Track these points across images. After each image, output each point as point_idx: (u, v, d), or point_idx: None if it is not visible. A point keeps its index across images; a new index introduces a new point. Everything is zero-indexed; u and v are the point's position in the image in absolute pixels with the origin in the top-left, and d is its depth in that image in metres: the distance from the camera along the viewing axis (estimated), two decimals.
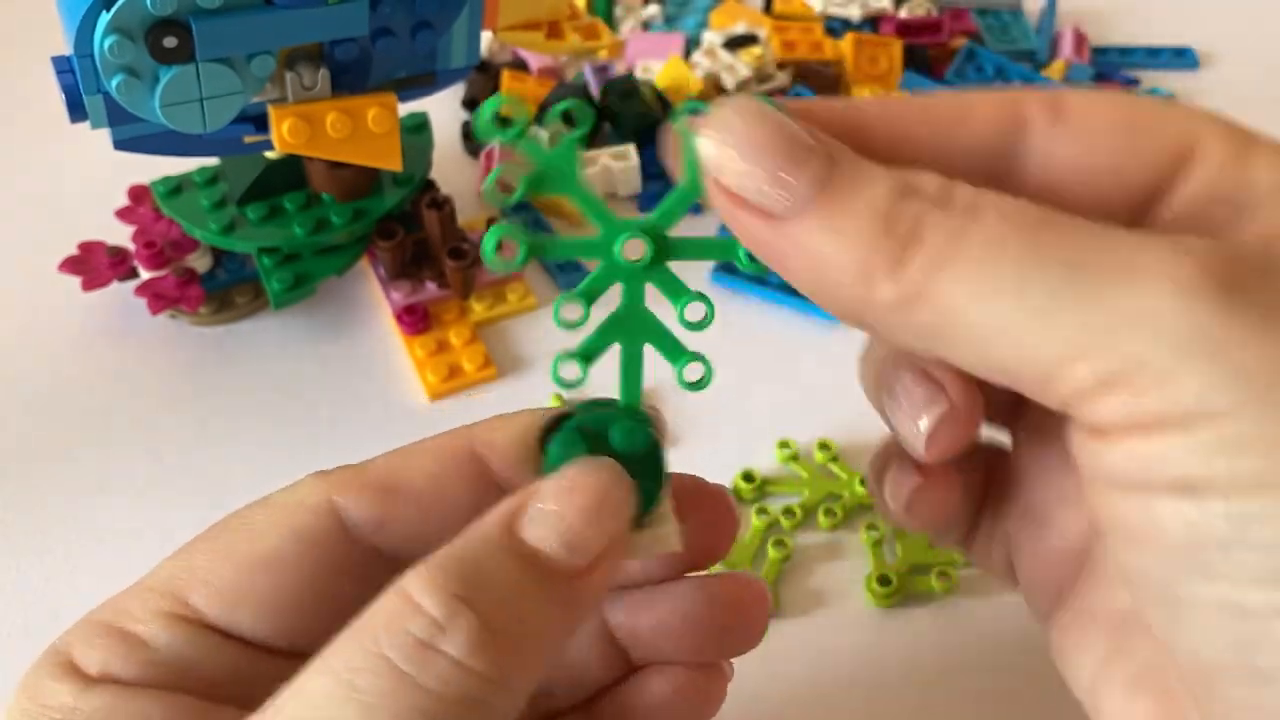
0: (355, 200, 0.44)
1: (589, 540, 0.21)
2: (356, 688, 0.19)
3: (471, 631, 0.20)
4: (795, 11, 0.61)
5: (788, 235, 0.20)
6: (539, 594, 0.21)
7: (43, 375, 0.43)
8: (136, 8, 0.34)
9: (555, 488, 0.22)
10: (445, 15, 0.39)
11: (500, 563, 0.21)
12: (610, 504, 0.22)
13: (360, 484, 0.24)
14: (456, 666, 0.19)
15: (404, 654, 0.19)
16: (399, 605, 0.20)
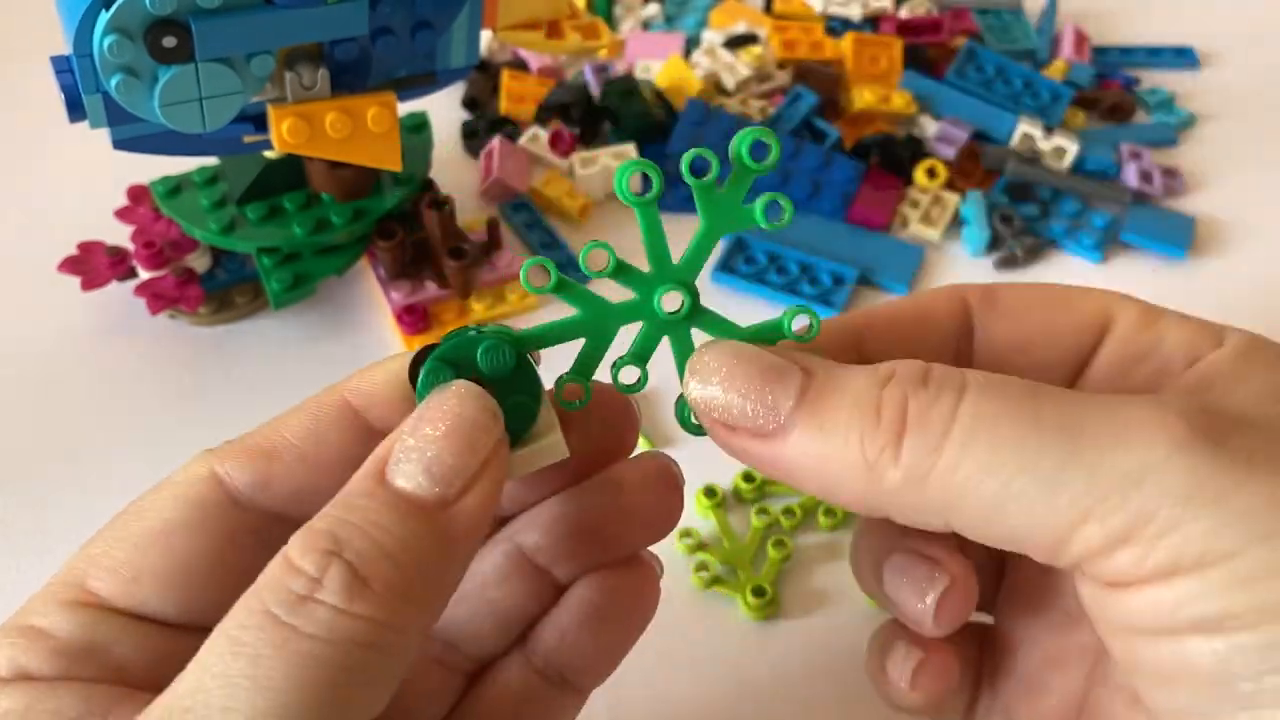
0: (355, 200, 0.44)
1: (453, 467, 0.22)
2: (244, 642, 0.20)
3: (343, 579, 0.20)
4: (795, 11, 0.61)
5: (785, 448, 0.22)
6: (411, 531, 0.21)
7: (42, 375, 0.43)
8: (136, 7, 0.34)
9: (413, 422, 0.22)
10: (445, 15, 0.39)
11: (366, 510, 0.21)
12: (468, 425, 0.22)
13: (240, 450, 0.25)
14: (336, 613, 0.20)
15: (286, 608, 0.20)
16: (280, 568, 0.21)
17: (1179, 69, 0.61)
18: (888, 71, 0.56)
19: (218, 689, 0.20)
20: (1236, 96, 0.59)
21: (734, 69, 0.55)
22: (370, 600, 0.20)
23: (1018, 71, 0.56)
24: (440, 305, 0.45)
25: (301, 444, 0.25)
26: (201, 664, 0.20)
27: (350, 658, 0.20)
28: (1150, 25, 0.65)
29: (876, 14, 0.61)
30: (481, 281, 0.46)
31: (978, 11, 0.62)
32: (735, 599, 0.37)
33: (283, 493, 0.24)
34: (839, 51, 0.57)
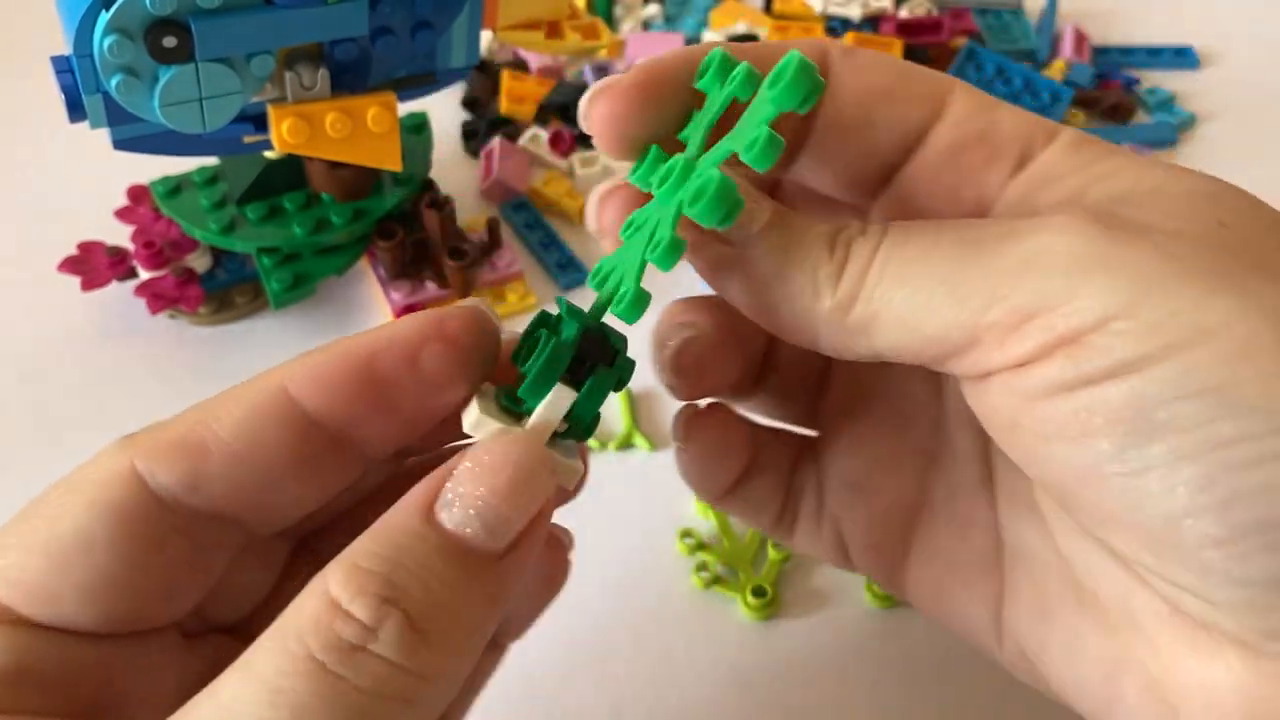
0: (355, 200, 0.44)
1: (510, 520, 0.21)
2: (285, 690, 0.19)
3: (402, 632, 0.19)
4: (795, 11, 0.61)
5: (748, 259, 0.23)
6: (465, 583, 0.20)
7: (42, 375, 0.43)
8: (136, 7, 0.34)
9: (472, 468, 0.21)
10: (445, 15, 0.39)
11: (423, 555, 0.20)
12: (530, 480, 0.21)
13: (165, 445, 0.23)
14: (390, 666, 0.19)
15: (335, 657, 0.19)
16: (323, 608, 0.20)
17: (1179, 69, 0.61)
18: None
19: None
20: (1236, 96, 0.59)
21: None
22: (426, 656, 0.20)
23: (1018, 71, 0.56)
24: (440, 305, 0.45)
25: (235, 441, 0.23)
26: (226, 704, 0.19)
27: (399, 710, 0.19)
28: (1150, 25, 0.65)
29: (876, 14, 0.61)
30: (481, 281, 0.46)
31: (977, 12, 0.62)
32: (735, 599, 0.37)
33: (214, 493, 0.23)
34: None
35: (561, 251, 0.48)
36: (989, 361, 0.21)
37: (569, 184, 0.51)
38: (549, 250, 0.48)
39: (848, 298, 0.22)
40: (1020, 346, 0.21)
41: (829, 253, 0.22)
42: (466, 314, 0.25)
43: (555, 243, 0.49)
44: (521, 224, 0.49)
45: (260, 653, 0.19)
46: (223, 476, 0.23)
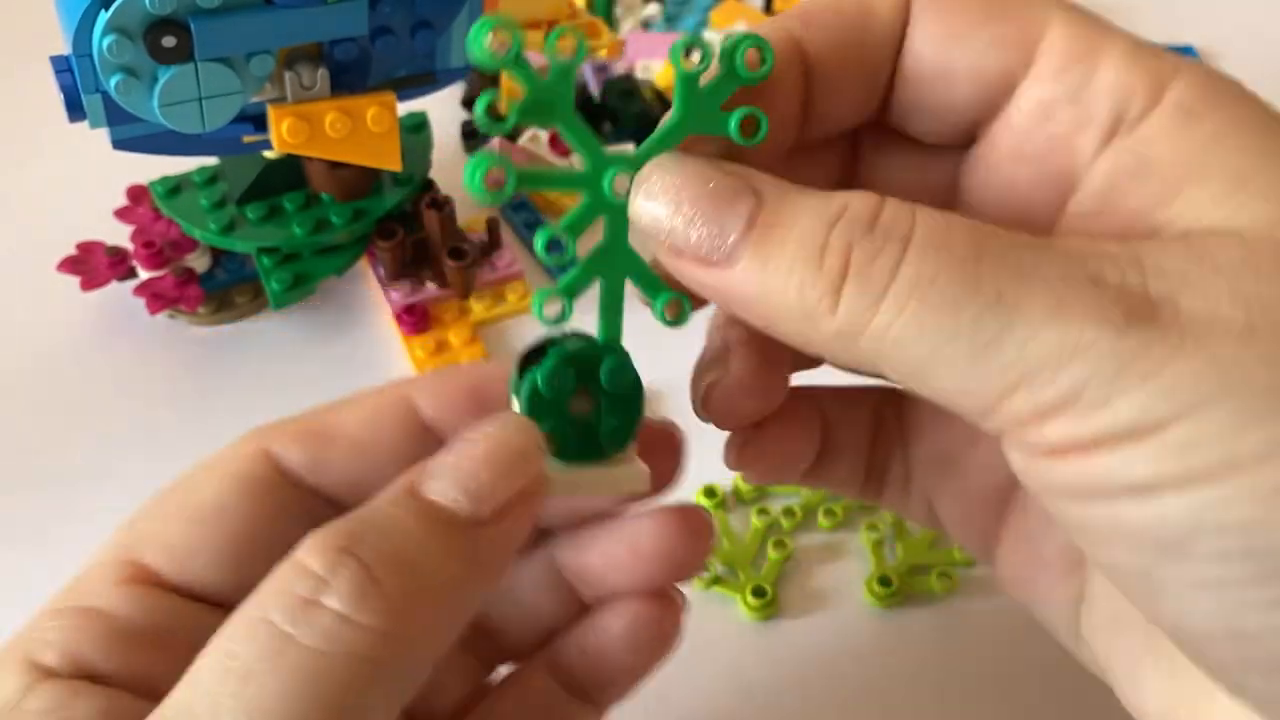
0: (355, 200, 0.44)
1: (492, 488, 0.21)
2: (233, 655, 0.18)
3: (353, 581, 0.19)
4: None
5: (728, 278, 0.20)
6: (435, 544, 0.20)
7: (42, 375, 0.43)
8: (135, 7, 0.34)
9: (454, 443, 0.22)
10: (444, 15, 0.39)
11: (392, 515, 0.20)
12: (511, 452, 0.21)
13: (294, 430, 0.24)
14: (340, 620, 0.19)
15: (285, 614, 0.19)
16: (286, 568, 0.19)
17: None
18: None
19: (205, 711, 0.18)
20: None
21: None
22: (379, 607, 0.19)
23: None
24: (440, 305, 0.45)
25: (357, 433, 0.24)
26: (192, 679, 0.19)
27: (352, 673, 0.18)
28: (1149, 25, 0.64)
29: None
30: (481, 281, 0.46)
31: None
32: (735, 599, 0.37)
33: (334, 478, 0.24)
34: None
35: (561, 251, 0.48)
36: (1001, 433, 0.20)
37: None
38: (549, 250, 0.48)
39: (850, 329, 0.20)
40: (1039, 437, 0.19)
41: (818, 265, 0.20)
42: None
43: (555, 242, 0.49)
44: (521, 224, 0.49)
45: (225, 625, 0.19)
46: (342, 462, 0.24)
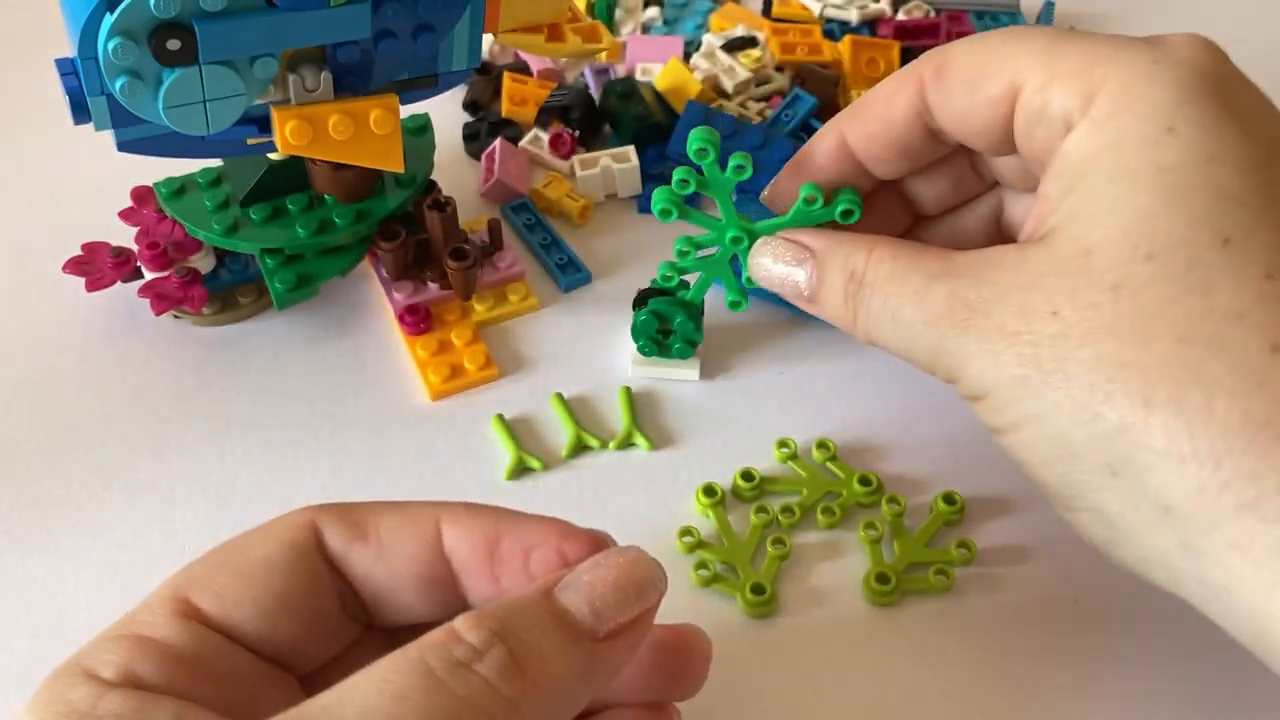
0: (358, 201, 0.44)
1: (613, 610, 0.25)
2: (392, 682, 0.22)
3: (503, 659, 0.23)
4: (794, 14, 0.61)
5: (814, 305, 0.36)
6: (563, 645, 0.24)
7: (46, 375, 0.44)
8: (140, 10, 0.34)
9: (591, 563, 0.26)
10: (447, 18, 0.39)
11: (534, 615, 0.25)
12: (639, 583, 0.26)
13: (339, 514, 0.28)
14: (485, 685, 0.23)
15: (444, 666, 0.23)
16: (445, 634, 0.24)
17: None
18: (885, 74, 0.57)
19: (353, 712, 0.22)
20: None
21: (733, 72, 0.56)
22: (518, 686, 0.23)
23: None
24: (442, 305, 0.46)
25: (385, 538, 0.28)
26: (344, 690, 0.23)
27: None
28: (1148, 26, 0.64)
29: (874, 17, 0.61)
30: (483, 282, 0.46)
31: (975, 14, 0.62)
32: (734, 597, 0.37)
33: (356, 569, 0.28)
34: (837, 54, 0.57)
35: (562, 252, 0.49)
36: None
37: (569, 185, 0.51)
38: (550, 251, 0.49)
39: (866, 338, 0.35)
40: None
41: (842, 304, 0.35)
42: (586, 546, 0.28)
43: (556, 243, 0.49)
44: (522, 225, 0.50)
45: (383, 659, 0.23)
46: (366, 559, 0.28)
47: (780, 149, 0.51)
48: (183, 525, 0.39)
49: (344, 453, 0.41)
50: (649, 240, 0.49)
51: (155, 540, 0.38)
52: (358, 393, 0.43)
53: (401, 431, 0.42)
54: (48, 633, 0.36)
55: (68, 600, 0.37)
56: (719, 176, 0.37)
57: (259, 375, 0.44)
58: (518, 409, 0.43)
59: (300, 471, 0.41)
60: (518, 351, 0.45)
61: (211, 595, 0.26)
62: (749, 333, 0.45)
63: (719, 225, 0.39)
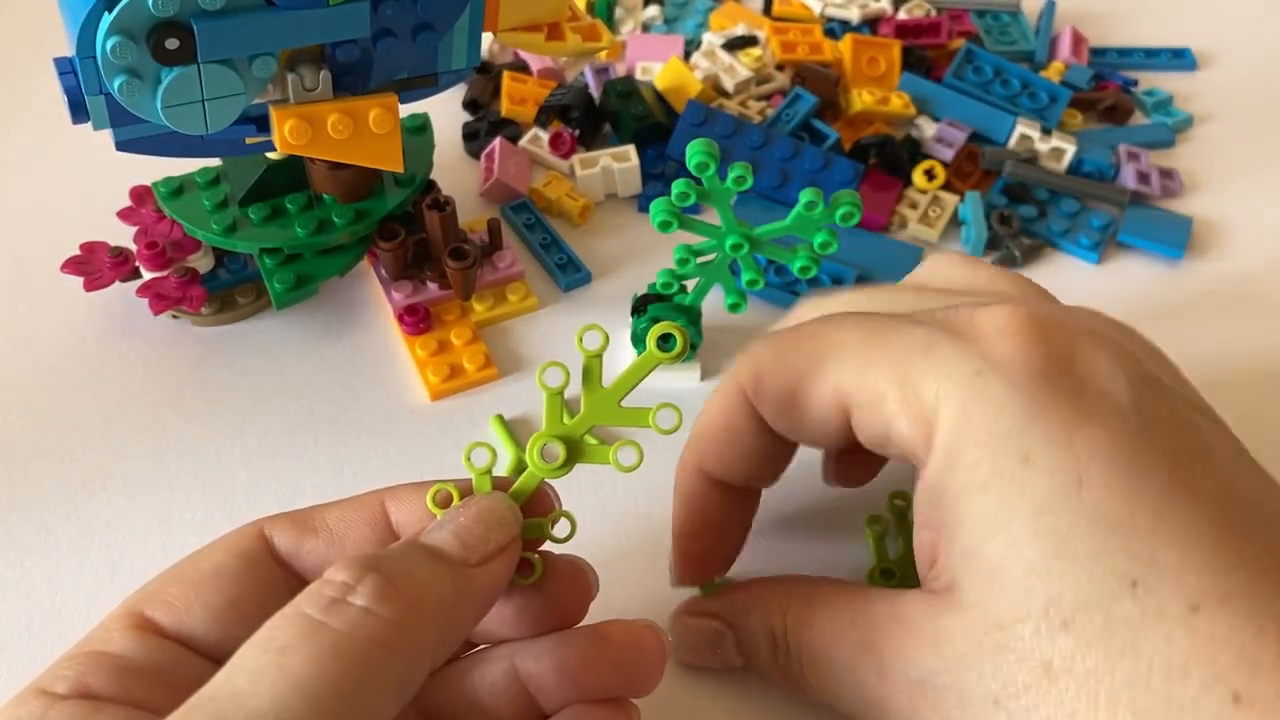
0: (357, 201, 0.44)
1: (479, 538, 0.27)
2: (274, 638, 0.23)
3: (377, 584, 0.24)
4: (794, 13, 0.61)
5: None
6: (436, 569, 0.25)
7: (45, 375, 0.44)
8: (139, 9, 0.34)
9: (452, 510, 0.28)
10: (446, 17, 0.39)
11: (405, 550, 0.26)
12: (499, 516, 0.27)
13: (286, 519, 0.29)
14: (364, 612, 0.23)
15: (319, 608, 0.23)
16: (317, 583, 0.24)
17: (1177, 70, 0.61)
18: (886, 73, 0.57)
19: (245, 679, 0.22)
20: (1234, 97, 0.60)
21: (734, 71, 0.56)
22: (396, 606, 0.24)
23: (1016, 73, 0.57)
24: (441, 305, 0.45)
25: (334, 527, 0.29)
26: (231, 663, 0.23)
27: (370, 656, 0.23)
28: (1148, 26, 0.65)
29: (875, 16, 0.61)
30: (483, 282, 0.46)
31: (976, 13, 0.62)
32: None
33: (311, 561, 0.29)
34: (838, 53, 0.57)
35: (562, 252, 0.49)
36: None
37: (569, 185, 0.51)
38: (550, 251, 0.49)
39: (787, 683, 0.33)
40: None
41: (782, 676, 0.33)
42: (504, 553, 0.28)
43: (556, 243, 0.49)
44: (522, 224, 0.50)
45: (265, 623, 0.24)
46: (319, 549, 0.29)
47: (781, 148, 0.51)
48: (181, 525, 0.39)
49: (343, 453, 0.41)
50: (649, 240, 0.49)
51: (154, 540, 0.38)
52: (357, 393, 0.43)
53: (401, 431, 0.42)
54: (47, 633, 0.36)
55: (66, 600, 0.37)
56: (719, 187, 0.37)
57: (258, 375, 0.44)
58: (517, 409, 0.43)
59: (299, 471, 0.41)
60: (517, 351, 0.45)
61: (163, 606, 0.27)
62: (749, 334, 0.45)
63: (719, 233, 0.39)
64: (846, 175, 0.51)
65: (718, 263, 0.40)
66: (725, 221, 0.39)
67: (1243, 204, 0.53)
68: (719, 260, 0.40)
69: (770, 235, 0.38)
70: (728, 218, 0.38)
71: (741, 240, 0.39)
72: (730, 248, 0.39)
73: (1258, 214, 0.52)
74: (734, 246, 0.39)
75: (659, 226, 0.38)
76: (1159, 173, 0.53)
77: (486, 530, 0.27)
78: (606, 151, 0.52)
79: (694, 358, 0.44)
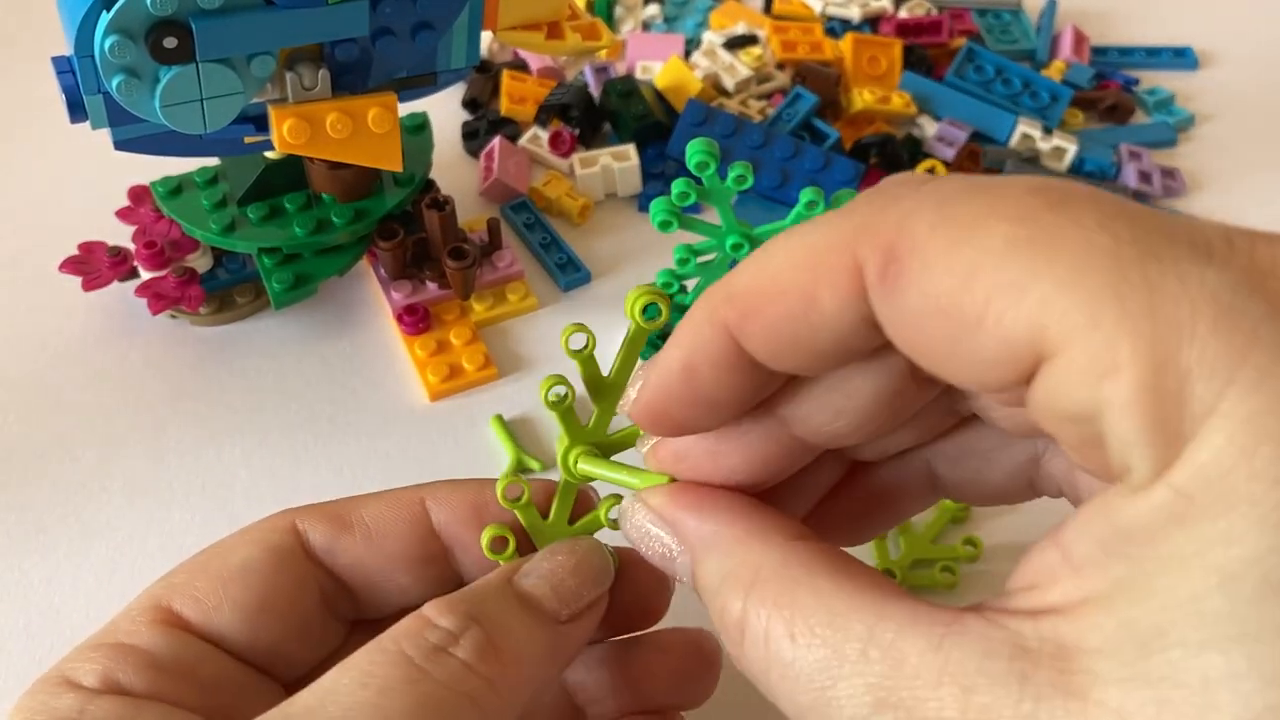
0: (356, 200, 0.44)
1: (573, 593, 0.26)
2: (375, 675, 0.23)
3: (479, 641, 0.24)
4: (795, 12, 0.61)
5: None
6: (531, 627, 0.25)
7: (44, 375, 0.43)
8: (137, 8, 0.34)
9: (548, 551, 0.27)
10: (445, 15, 0.39)
11: (502, 599, 0.25)
12: (592, 567, 0.27)
13: (320, 513, 0.28)
14: (464, 667, 0.23)
15: (421, 654, 0.23)
16: (418, 622, 0.24)
17: (1178, 69, 0.61)
18: (887, 72, 0.56)
19: (337, 710, 0.22)
20: (1236, 96, 0.59)
21: (734, 70, 0.56)
22: (494, 667, 0.24)
23: (1017, 72, 0.56)
24: (441, 305, 0.45)
25: (372, 525, 0.28)
26: (324, 688, 0.23)
27: (464, 713, 0.23)
28: (1149, 25, 0.65)
29: (876, 14, 0.61)
30: (482, 281, 0.46)
31: (977, 12, 0.62)
32: None
33: (346, 560, 0.28)
34: (838, 52, 0.57)
35: (562, 251, 0.48)
36: None
37: (569, 184, 0.51)
38: (549, 250, 0.48)
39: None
40: None
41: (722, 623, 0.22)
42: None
43: (555, 243, 0.49)
44: (522, 224, 0.50)
45: (358, 653, 0.23)
46: (355, 547, 0.28)
47: (781, 147, 0.51)
48: (180, 525, 0.39)
49: (342, 453, 0.41)
50: (649, 239, 0.49)
51: (153, 540, 0.38)
52: (356, 393, 0.43)
53: (400, 432, 0.42)
54: (46, 633, 0.36)
55: (65, 601, 0.37)
56: (719, 186, 0.37)
57: (256, 375, 0.44)
58: (517, 409, 0.43)
59: (298, 472, 0.40)
60: (517, 351, 0.45)
61: (192, 601, 0.26)
62: None
63: (719, 232, 0.39)
64: (847, 175, 0.50)
65: (718, 263, 0.40)
66: (725, 221, 0.38)
67: (1245, 203, 0.53)
68: (719, 260, 0.40)
69: (770, 235, 0.38)
70: (728, 217, 0.38)
71: (742, 240, 0.39)
72: (730, 247, 0.39)
73: (1259, 213, 0.52)
74: (734, 246, 0.39)
75: (659, 226, 0.38)
76: (1161, 172, 0.53)
77: (581, 585, 0.26)
78: (606, 151, 0.52)
79: None
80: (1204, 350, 0.16)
